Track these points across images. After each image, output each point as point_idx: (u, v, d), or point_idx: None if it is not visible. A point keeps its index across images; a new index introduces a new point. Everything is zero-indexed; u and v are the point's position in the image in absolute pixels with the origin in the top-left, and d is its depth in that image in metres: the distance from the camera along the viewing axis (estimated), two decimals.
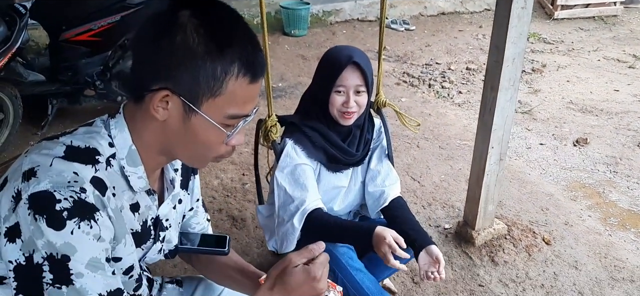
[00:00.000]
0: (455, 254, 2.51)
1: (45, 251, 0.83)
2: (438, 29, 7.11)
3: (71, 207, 0.84)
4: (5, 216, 0.85)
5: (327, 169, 1.88)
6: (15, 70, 3.13)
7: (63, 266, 0.84)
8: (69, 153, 0.90)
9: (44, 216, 0.82)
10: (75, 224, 0.84)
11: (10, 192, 0.86)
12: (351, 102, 1.74)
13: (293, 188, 1.77)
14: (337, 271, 1.83)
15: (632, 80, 5.14)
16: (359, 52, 1.80)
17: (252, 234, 2.64)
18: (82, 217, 0.85)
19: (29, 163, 0.88)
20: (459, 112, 4.39)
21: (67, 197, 0.84)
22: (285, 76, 5.11)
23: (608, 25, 7.23)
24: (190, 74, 0.89)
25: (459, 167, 3.38)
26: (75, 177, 0.87)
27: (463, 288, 2.31)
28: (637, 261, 2.50)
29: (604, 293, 2.29)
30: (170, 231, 1.19)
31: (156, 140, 0.97)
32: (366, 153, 1.96)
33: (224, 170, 3.29)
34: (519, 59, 2.14)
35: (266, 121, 1.96)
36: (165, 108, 0.92)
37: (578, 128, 4.05)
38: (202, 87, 0.90)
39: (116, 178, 0.96)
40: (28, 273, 0.84)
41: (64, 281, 0.85)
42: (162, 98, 0.90)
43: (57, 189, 0.84)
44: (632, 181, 3.27)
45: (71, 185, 0.85)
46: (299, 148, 1.81)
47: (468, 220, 2.58)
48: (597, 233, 2.72)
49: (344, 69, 1.73)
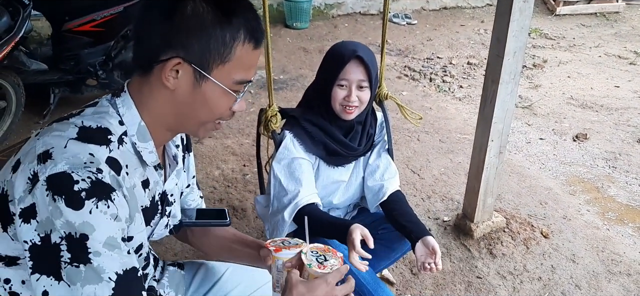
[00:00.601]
0: (454, 246, 2.53)
1: (64, 230, 0.84)
2: (440, 23, 7.11)
3: (89, 187, 0.85)
4: (20, 197, 0.87)
5: (327, 164, 1.89)
6: (18, 59, 3.15)
7: (81, 245, 0.85)
8: (82, 135, 0.92)
9: (62, 196, 0.84)
10: (93, 204, 0.86)
11: (25, 173, 0.88)
12: (353, 96, 1.74)
13: (288, 181, 1.79)
14: None
15: (632, 77, 5.15)
16: (363, 47, 1.80)
17: (253, 224, 2.66)
18: (99, 197, 0.87)
19: (43, 145, 0.90)
20: (459, 106, 4.40)
21: (84, 178, 0.86)
22: (286, 68, 5.12)
23: (610, 21, 7.23)
24: (201, 41, 0.93)
25: (458, 160, 3.40)
26: (91, 158, 0.89)
27: (461, 279, 2.33)
28: (634, 255, 2.52)
29: (601, 287, 2.31)
30: (175, 206, 1.22)
31: (164, 112, 1.00)
32: (369, 147, 1.97)
33: (225, 160, 3.31)
34: (520, 52, 2.15)
35: (267, 111, 1.96)
36: (175, 78, 0.95)
37: (578, 123, 4.07)
38: (212, 53, 0.95)
39: (129, 156, 0.98)
40: (45, 252, 0.86)
41: (81, 259, 0.86)
42: (173, 67, 0.94)
43: (74, 170, 0.86)
44: (631, 176, 3.28)
45: (88, 166, 0.87)
46: (298, 142, 1.82)
47: (467, 212, 2.59)
48: (595, 228, 2.74)
49: (348, 63, 1.73)
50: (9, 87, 3.13)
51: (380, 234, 2.00)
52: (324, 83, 1.80)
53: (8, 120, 3.25)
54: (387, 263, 2.05)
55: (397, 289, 2.27)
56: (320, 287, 1.06)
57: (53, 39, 3.61)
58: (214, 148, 3.46)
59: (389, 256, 2.01)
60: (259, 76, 4.82)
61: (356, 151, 1.91)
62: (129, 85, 1.02)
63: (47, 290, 0.86)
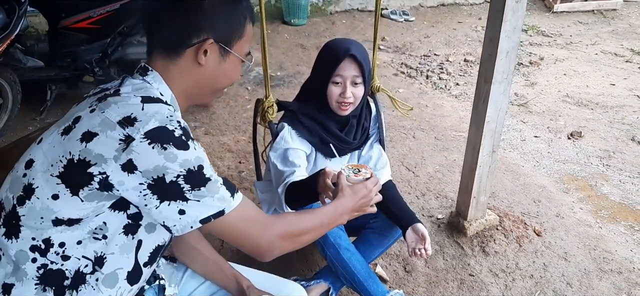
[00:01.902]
0: (447, 244, 2.55)
1: (183, 168, 0.99)
2: (437, 20, 7.11)
3: (183, 132, 1.01)
4: (114, 156, 0.97)
5: (324, 155, 1.94)
6: (15, 56, 3.16)
7: (200, 173, 1.02)
8: (147, 100, 1.05)
9: (170, 143, 0.98)
10: (192, 143, 1.02)
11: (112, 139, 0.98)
12: (348, 92, 1.80)
13: (283, 166, 1.84)
14: (325, 249, 1.90)
15: (628, 75, 5.16)
16: (356, 44, 1.85)
17: None
18: (192, 138, 1.03)
19: (115, 115, 1.01)
20: (455, 103, 4.41)
21: (176, 127, 1.00)
22: (284, 65, 5.13)
23: (607, 19, 7.24)
24: (226, 21, 1.13)
25: (453, 158, 3.41)
26: (169, 112, 1.03)
27: (454, 277, 2.35)
28: (625, 254, 2.54)
29: (592, 284, 2.33)
30: None
31: (189, 85, 1.15)
32: (364, 141, 2.03)
33: (221, 157, 3.32)
34: (513, 52, 2.16)
35: (263, 102, 2.03)
36: (205, 56, 1.11)
37: (573, 121, 4.09)
38: (234, 31, 1.14)
39: None
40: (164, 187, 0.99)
41: (202, 183, 1.02)
42: (206, 48, 1.10)
43: (165, 123, 0.99)
44: (624, 175, 3.31)
45: (171, 118, 1.01)
46: (295, 134, 1.88)
47: (460, 210, 2.61)
48: (588, 226, 2.76)
49: (342, 61, 1.78)
50: (5, 84, 3.14)
51: (372, 223, 2.06)
52: (319, 80, 1.85)
53: (4, 117, 3.26)
54: (380, 251, 2.10)
55: (390, 286, 2.29)
56: (361, 190, 1.35)
57: (49, 35, 3.61)
58: (210, 145, 3.47)
59: (382, 244, 2.07)
60: (255, 73, 4.83)
61: (351, 144, 1.97)
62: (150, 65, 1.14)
63: (182, 208, 1.02)
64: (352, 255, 1.89)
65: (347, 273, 1.88)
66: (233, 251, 2.45)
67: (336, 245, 1.88)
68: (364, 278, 1.89)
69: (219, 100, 4.16)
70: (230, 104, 4.15)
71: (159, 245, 1.15)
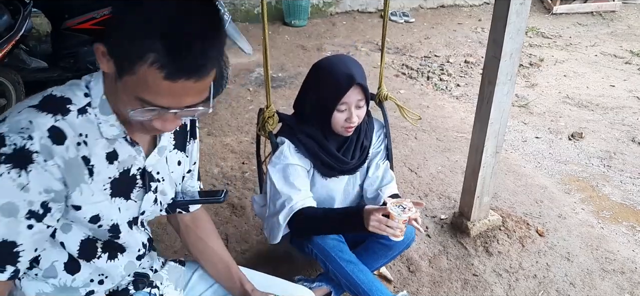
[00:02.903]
0: (450, 244, 2.56)
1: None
2: (437, 21, 7.14)
3: (10, 153, 0.91)
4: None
5: (321, 175, 1.92)
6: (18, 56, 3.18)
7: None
8: (43, 103, 0.98)
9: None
10: (6, 169, 0.91)
11: None
12: (354, 117, 1.78)
13: (282, 185, 1.82)
14: (328, 264, 1.88)
15: (628, 76, 5.19)
16: (356, 67, 1.79)
17: (252, 222, 2.69)
18: (14, 165, 0.92)
19: (15, 107, 0.99)
20: (456, 104, 4.43)
21: (12, 143, 0.91)
22: (285, 66, 5.14)
23: (606, 20, 7.27)
24: (118, 42, 0.90)
25: (455, 159, 3.43)
26: (28, 125, 0.94)
27: (457, 277, 2.36)
28: (627, 254, 2.56)
29: (595, 284, 2.35)
30: (165, 184, 1.25)
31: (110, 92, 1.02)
32: (363, 161, 1.99)
33: (224, 158, 3.33)
34: (517, 54, 2.18)
35: (264, 111, 2.00)
36: (104, 63, 0.95)
37: (573, 122, 4.11)
38: (121, 58, 0.90)
39: (90, 126, 1.02)
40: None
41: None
42: (102, 53, 0.93)
43: (9, 134, 0.92)
44: (625, 175, 3.32)
45: (22, 131, 0.92)
46: (294, 150, 1.85)
47: (463, 211, 2.63)
48: (590, 226, 2.77)
49: (347, 91, 1.74)
50: (9, 85, 3.15)
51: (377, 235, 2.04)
52: (322, 104, 1.79)
53: None
54: (384, 261, 2.08)
55: (394, 286, 2.30)
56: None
57: (52, 36, 3.63)
58: (213, 146, 3.48)
59: (386, 255, 2.05)
60: (257, 74, 4.85)
61: (348, 165, 1.93)
62: None
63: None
64: (354, 267, 1.86)
65: (351, 284, 1.86)
66: (237, 252, 2.47)
67: (338, 259, 1.86)
68: (368, 288, 1.85)
69: (220, 101, 4.17)
70: (233, 105, 4.16)
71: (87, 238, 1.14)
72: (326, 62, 1.84)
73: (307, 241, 1.91)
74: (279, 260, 2.39)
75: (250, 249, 2.49)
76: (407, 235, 1.97)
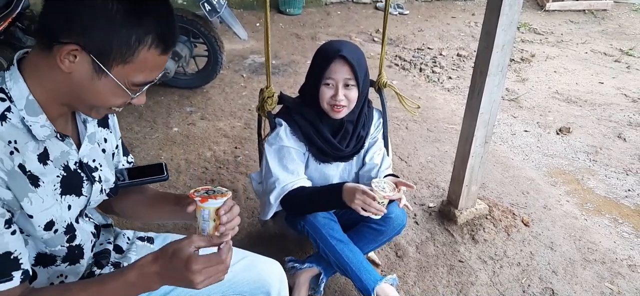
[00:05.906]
0: (438, 231, 2.62)
1: None
2: (431, 14, 7.17)
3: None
4: None
5: (316, 159, 1.96)
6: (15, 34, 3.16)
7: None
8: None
9: None
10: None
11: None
12: (340, 94, 1.77)
13: (275, 165, 1.86)
14: (318, 241, 1.92)
15: (616, 74, 5.27)
16: (349, 46, 1.82)
17: (243, 205, 2.73)
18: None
19: None
20: (447, 96, 4.48)
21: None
22: (279, 54, 5.16)
23: (598, 19, 7.35)
24: (105, 36, 0.91)
25: (445, 149, 3.49)
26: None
27: (444, 263, 2.42)
28: (609, 245, 2.63)
29: (576, 273, 2.42)
30: (104, 170, 1.21)
31: (58, 90, 0.98)
32: (358, 150, 2.01)
33: (217, 142, 3.36)
34: (509, 46, 2.22)
35: (264, 91, 2.04)
36: (71, 62, 0.93)
37: (562, 117, 4.18)
38: (114, 51, 0.93)
39: (16, 131, 0.97)
40: None
41: None
42: (70, 52, 0.91)
43: None
44: (610, 170, 3.40)
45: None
46: (290, 132, 1.89)
47: (451, 199, 2.68)
48: (574, 218, 2.84)
49: (332, 62, 1.76)
50: (4, 63, 3.14)
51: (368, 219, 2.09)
52: (312, 81, 1.84)
53: None
54: (374, 246, 2.12)
55: (382, 270, 2.35)
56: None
57: None
58: (206, 130, 3.50)
59: (377, 240, 2.09)
60: (251, 60, 4.86)
61: (343, 152, 1.95)
62: (24, 58, 1.00)
63: None
64: (344, 246, 1.91)
65: (340, 263, 1.90)
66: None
67: (328, 237, 1.90)
68: (356, 267, 1.90)
69: (214, 86, 4.18)
70: (226, 90, 4.18)
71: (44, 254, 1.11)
72: (324, 42, 1.90)
73: (300, 219, 1.96)
74: (271, 242, 2.43)
75: (241, 230, 2.53)
76: (398, 221, 2.03)
